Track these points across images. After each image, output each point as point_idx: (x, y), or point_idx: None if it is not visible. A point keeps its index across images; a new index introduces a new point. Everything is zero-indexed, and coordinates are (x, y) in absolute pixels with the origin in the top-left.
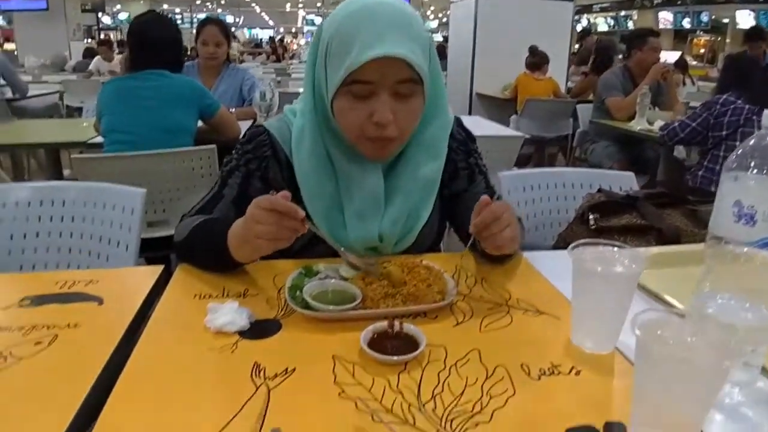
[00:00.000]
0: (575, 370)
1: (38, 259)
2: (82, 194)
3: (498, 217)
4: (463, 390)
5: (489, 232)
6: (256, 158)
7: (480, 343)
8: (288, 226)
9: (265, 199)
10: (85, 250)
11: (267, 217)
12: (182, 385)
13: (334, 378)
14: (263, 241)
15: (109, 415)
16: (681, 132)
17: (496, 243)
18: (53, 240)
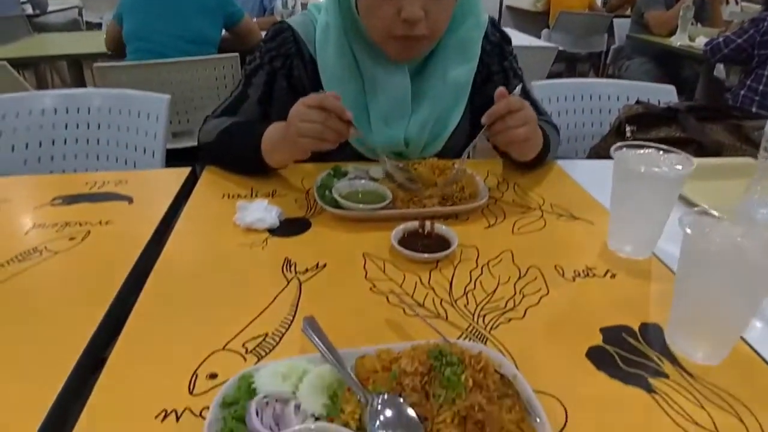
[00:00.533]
0: (611, 273)
1: (67, 166)
2: (107, 101)
3: (513, 110)
4: (495, 288)
5: (503, 125)
6: (280, 56)
7: (512, 245)
8: (334, 127)
9: (313, 96)
10: (113, 156)
11: (314, 114)
12: (214, 279)
13: (365, 274)
14: (307, 140)
15: (142, 307)
16: (725, 48)
17: (508, 138)
18: (80, 147)
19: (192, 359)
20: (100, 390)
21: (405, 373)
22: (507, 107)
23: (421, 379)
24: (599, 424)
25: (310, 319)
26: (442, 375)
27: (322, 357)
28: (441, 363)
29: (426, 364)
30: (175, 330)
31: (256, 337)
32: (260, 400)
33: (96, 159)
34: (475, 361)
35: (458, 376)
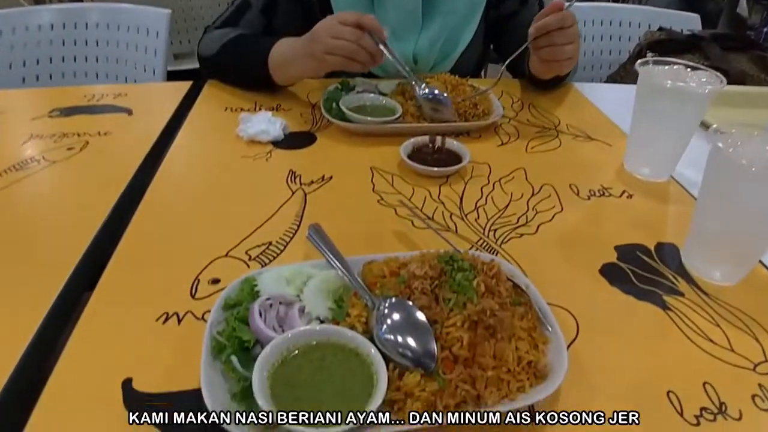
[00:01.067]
0: (627, 194)
1: (65, 83)
2: (105, 16)
3: (566, 26)
4: (507, 204)
5: (549, 41)
6: None
7: (526, 163)
8: (368, 48)
9: (351, 14)
10: (112, 75)
11: (347, 32)
12: (215, 188)
13: (372, 187)
14: (335, 58)
15: (143, 215)
16: None
17: (552, 55)
18: (79, 65)
19: (193, 265)
20: (99, 293)
21: (414, 276)
22: (560, 22)
23: (431, 283)
24: (611, 338)
25: (316, 226)
26: (452, 280)
27: (327, 263)
28: (452, 268)
29: (436, 269)
30: (176, 238)
31: (260, 245)
32: (263, 301)
33: (95, 77)
34: (487, 267)
35: (470, 281)
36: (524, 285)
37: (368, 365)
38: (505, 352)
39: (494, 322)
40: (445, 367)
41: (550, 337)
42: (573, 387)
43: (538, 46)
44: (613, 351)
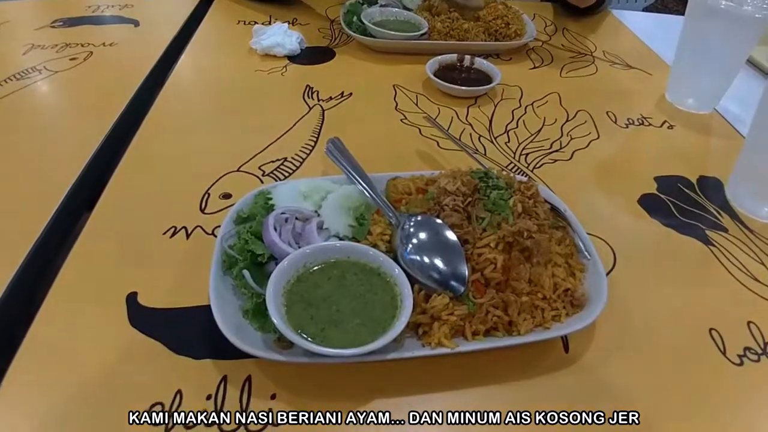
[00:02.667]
0: (668, 124)
1: None
2: None
3: None
4: (540, 128)
5: None
6: None
7: (560, 88)
8: None
9: None
10: None
11: None
12: (227, 102)
13: (395, 105)
14: None
15: (150, 126)
16: None
17: None
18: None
19: (204, 179)
20: (103, 206)
21: (445, 192)
22: None
23: (463, 200)
24: (651, 271)
25: (335, 140)
26: (487, 198)
27: (347, 179)
28: (486, 185)
29: (470, 185)
30: (185, 151)
31: (274, 160)
32: (278, 215)
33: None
34: (524, 187)
35: (506, 200)
36: (562, 209)
37: (391, 286)
38: (541, 278)
39: (531, 244)
40: (476, 290)
41: (587, 266)
42: (608, 320)
43: None
44: (652, 285)
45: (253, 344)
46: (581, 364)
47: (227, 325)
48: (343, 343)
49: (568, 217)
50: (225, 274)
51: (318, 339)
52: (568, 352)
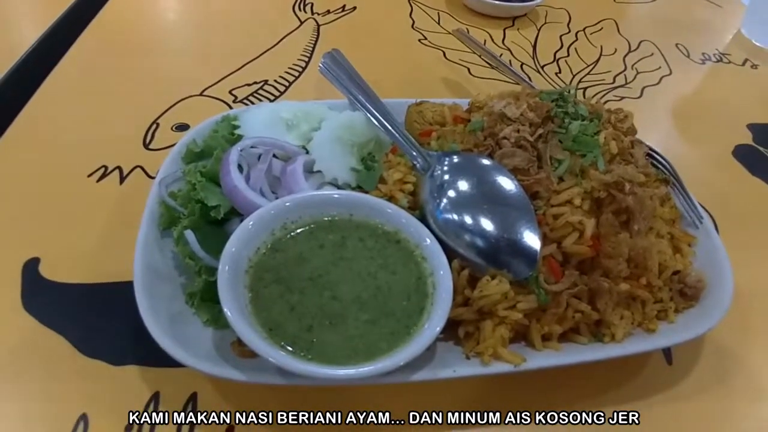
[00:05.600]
0: (751, 63)
1: None
2: None
3: None
4: (597, 59)
5: None
6: None
7: (616, 14)
8: None
9: None
10: None
11: None
12: (198, 11)
13: (412, 23)
14: None
15: (97, 29)
16: None
17: None
18: None
19: (153, 105)
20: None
21: (504, 119)
22: None
23: (531, 132)
24: (762, 245)
25: (334, 53)
26: (565, 131)
27: (350, 103)
28: (565, 112)
29: (540, 109)
30: (134, 66)
31: (251, 83)
32: (247, 148)
33: None
34: (615, 118)
35: (592, 135)
36: (659, 154)
37: (418, 261)
38: (648, 254)
39: (632, 203)
40: (551, 271)
41: (697, 237)
42: None
43: None
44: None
45: (198, 349)
46: (690, 382)
47: (158, 317)
48: (341, 353)
49: (671, 168)
50: (162, 236)
51: (302, 346)
52: (672, 364)
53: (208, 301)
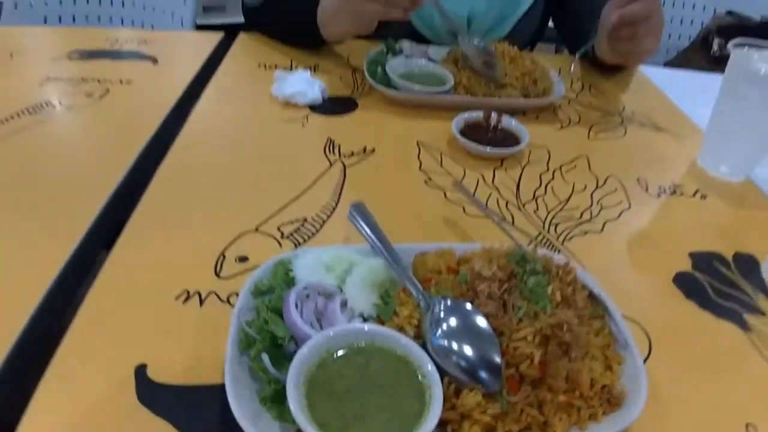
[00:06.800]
0: (701, 193)
1: None
2: None
3: (651, 16)
4: (569, 196)
5: (632, 32)
6: None
7: (588, 151)
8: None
9: None
10: (138, 21)
11: None
12: (245, 152)
13: (419, 164)
14: (374, 5)
15: (164, 176)
16: None
17: (634, 49)
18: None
19: (219, 238)
20: (112, 265)
21: (480, 277)
22: (647, 11)
23: (499, 287)
24: (686, 359)
25: (359, 205)
26: (524, 284)
27: (372, 249)
28: (524, 270)
29: (506, 270)
30: (201, 204)
31: (294, 221)
32: (301, 291)
33: (120, 22)
34: (563, 272)
35: (544, 287)
36: (598, 293)
37: (420, 377)
38: (580, 374)
39: (570, 338)
40: (510, 387)
41: (625, 357)
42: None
43: (619, 37)
44: (689, 374)
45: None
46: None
47: (244, 412)
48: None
49: (607, 305)
50: (242, 353)
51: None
52: None
53: (276, 403)
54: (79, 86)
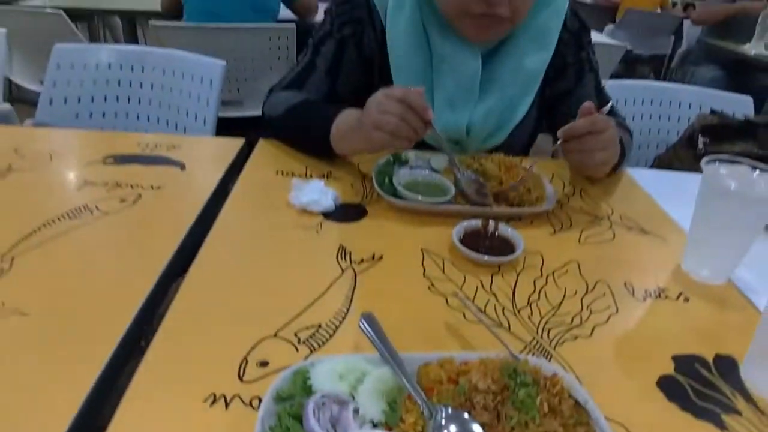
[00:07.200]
0: (684, 296)
1: (117, 123)
2: (162, 61)
3: (597, 131)
4: (561, 301)
5: (579, 146)
6: (352, 22)
7: (579, 256)
8: (412, 123)
9: (397, 88)
10: (163, 119)
11: (394, 107)
12: (266, 259)
13: (423, 271)
14: (381, 134)
15: (191, 284)
16: None
17: (581, 159)
18: (132, 107)
19: (241, 344)
20: (145, 368)
21: (476, 389)
22: (589, 127)
23: (493, 399)
24: None
25: (369, 316)
26: (515, 396)
27: (381, 359)
28: (515, 383)
29: (499, 383)
30: (225, 309)
31: (309, 327)
32: (318, 399)
33: (146, 120)
34: (551, 383)
35: (533, 398)
36: (583, 401)
37: None
38: None
39: None
40: None
41: None
42: None
43: (569, 151)
44: None
45: None
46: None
47: None
48: None
49: (591, 413)
50: None
51: None
52: None
53: None
54: (113, 191)
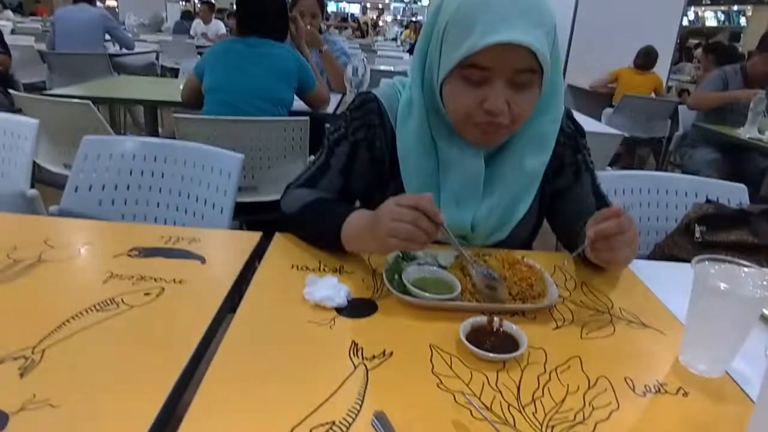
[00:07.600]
0: (683, 391)
1: (138, 211)
2: (184, 153)
3: (624, 232)
4: (564, 397)
5: (608, 245)
6: (364, 126)
7: (581, 351)
8: (425, 227)
9: (408, 196)
10: (182, 208)
11: (407, 214)
12: (282, 355)
13: (432, 367)
14: (395, 241)
15: (211, 381)
16: None
17: (611, 259)
18: (153, 195)
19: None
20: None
21: None
22: (618, 227)
23: None
24: None
25: (381, 415)
26: None
27: None
28: None
29: None
30: (244, 407)
31: (324, 424)
32: None
33: (166, 208)
34: None
35: None
36: None
37: None
38: None
39: None
40: None
41: None
42: None
43: (596, 249)
44: None
45: None
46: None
47: None
48: None
49: None
50: None
51: None
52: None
53: None
54: (138, 284)
